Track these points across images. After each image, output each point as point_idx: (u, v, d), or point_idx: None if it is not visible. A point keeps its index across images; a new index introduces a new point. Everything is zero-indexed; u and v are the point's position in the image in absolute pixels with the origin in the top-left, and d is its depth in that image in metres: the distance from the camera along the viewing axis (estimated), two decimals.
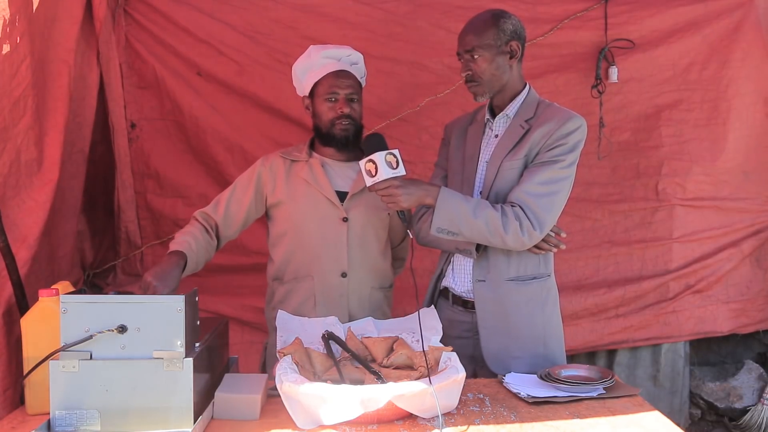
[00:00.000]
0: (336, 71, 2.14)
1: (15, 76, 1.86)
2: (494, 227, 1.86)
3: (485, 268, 2.01)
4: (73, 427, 1.45)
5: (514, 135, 1.99)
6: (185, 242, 2.02)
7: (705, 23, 3.32)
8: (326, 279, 2.14)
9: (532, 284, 2.01)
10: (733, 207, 3.49)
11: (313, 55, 2.18)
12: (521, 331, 2.00)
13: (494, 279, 2.00)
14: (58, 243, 2.29)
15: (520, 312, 1.99)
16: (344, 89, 2.13)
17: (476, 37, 1.96)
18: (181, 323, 1.48)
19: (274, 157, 2.23)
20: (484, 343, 2.01)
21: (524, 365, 1.96)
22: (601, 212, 3.40)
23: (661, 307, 3.44)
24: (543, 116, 1.98)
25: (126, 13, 2.93)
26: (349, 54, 2.20)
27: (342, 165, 2.22)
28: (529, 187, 1.90)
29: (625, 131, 3.37)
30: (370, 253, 2.19)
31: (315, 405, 1.49)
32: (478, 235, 1.89)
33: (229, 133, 3.05)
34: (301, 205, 2.15)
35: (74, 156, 2.47)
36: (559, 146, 1.92)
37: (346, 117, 2.13)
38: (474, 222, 1.86)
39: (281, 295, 2.20)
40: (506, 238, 1.87)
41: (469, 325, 2.06)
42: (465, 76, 2.00)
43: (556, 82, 3.28)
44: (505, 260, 1.99)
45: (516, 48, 2.00)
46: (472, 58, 1.97)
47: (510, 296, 1.99)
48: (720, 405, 3.63)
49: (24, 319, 1.65)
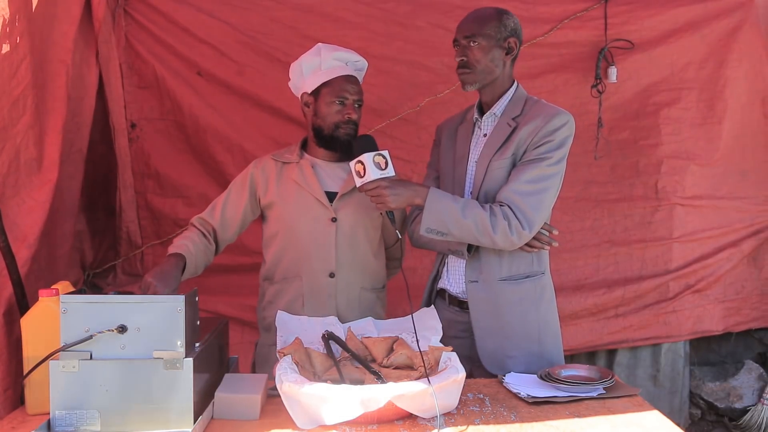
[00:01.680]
0: (346, 76, 2.16)
1: (14, 75, 1.86)
2: (483, 227, 1.86)
3: (477, 268, 2.01)
4: (73, 427, 1.45)
5: (501, 134, 1.99)
6: (183, 245, 2.03)
7: (704, 23, 3.33)
8: (314, 279, 2.14)
9: (525, 283, 2.01)
10: (731, 207, 3.49)
11: (323, 54, 2.17)
12: (515, 330, 2.00)
13: (487, 279, 2.00)
14: (57, 243, 2.29)
15: (513, 311, 1.99)
16: (354, 95, 2.15)
17: (477, 26, 1.98)
18: (181, 323, 1.48)
19: (266, 160, 2.25)
20: (479, 342, 2.01)
21: (520, 364, 1.96)
22: (601, 211, 3.41)
23: (661, 307, 3.45)
24: (529, 113, 1.98)
25: (126, 13, 2.93)
26: (357, 60, 2.21)
27: (332, 166, 2.22)
28: (517, 186, 1.89)
29: (624, 130, 3.38)
30: (359, 254, 2.19)
31: (315, 405, 1.49)
32: (467, 235, 1.89)
33: (229, 133, 3.05)
34: (292, 206, 2.16)
35: (72, 156, 2.47)
36: (546, 143, 1.92)
37: (353, 123, 2.15)
38: (463, 222, 1.86)
39: (271, 295, 2.21)
40: (495, 237, 1.87)
41: (465, 325, 2.06)
42: (459, 61, 1.99)
43: (555, 81, 3.28)
44: (497, 260, 1.99)
45: (513, 45, 2.01)
46: (470, 44, 1.97)
47: (503, 296, 1.99)
48: (720, 405, 3.63)
49: (24, 319, 1.65)
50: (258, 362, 2.27)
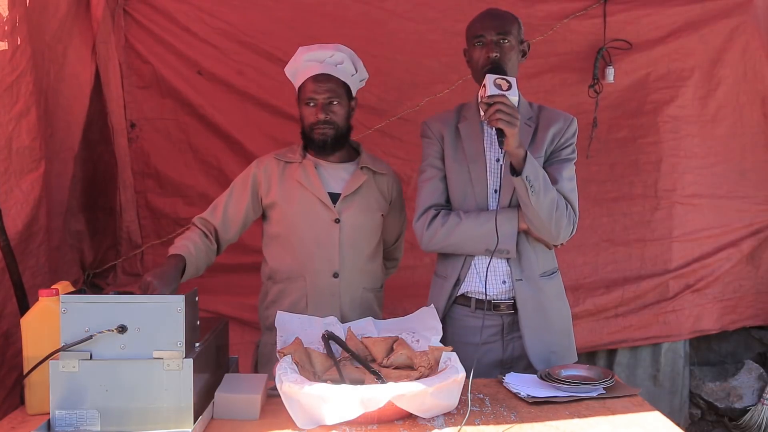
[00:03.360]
0: (315, 76, 2.12)
1: (10, 61, 1.86)
2: (562, 205, 1.92)
3: (520, 266, 2.01)
4: (73, 427, 1.44)
5: (524, 134, 1.98)
6: (184, 246, 2.03)
7: (703, 23, 3.33)
8: (318, 279, 2.14)
9: (554, 278, 2.08)
10: (731, 206, 3.50)
11: (298, 58, 2.17)
12: (556, 325, 2.04)
13: (530, 276, 2.01)
14: (47, 240, 2.28)
15: (553, 306, 2.04)
16: (321, 94, 2.11)
17: (508, 25, 1.99)
18: (181, 323, 1.48)
19: (269, 159, 2.24)
20: (529, 342, 2.00)
21: (558, 359, 2.00)
22: (600, 210, 3.40)
23: (661, 306, 3.45)
24: (547, 117, 2.03)
25: (126, 12, 2.93)
26: (332, 54, 2.14)
27: (335, 166, 2.22)
28: (564, 184, 1.96)
29: (622, 128, 3.38)
30: (361, 255, 2.19)
31: (315, 405, 1.49)
32: (549, 203, 1.89)
33: (229, 132, 3.06)
34: (295, 206, 2.15)
35: (62, 154, 2.46)
36: (570, 145, 2.02)
37: (324, 123, 2.12)
38: (552, 191, 1.90)
39: (274, 295, 2.21)
40: (563, 221, 1.93)
41: (496, 329, 2.04)
42: (492, 57, 1.94)
43: (552, 81, 3.28)
44: (533, 257, 2.02)
45: (527, 49, 2.05)
46: (501, 42, 1.96)
47: (544, 291, 2.03)
48: (720, 405, 3.63)
49: (24, 319, 1.65)
50: (261, 362, 2.27)
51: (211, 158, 3.07)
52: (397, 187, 2.33)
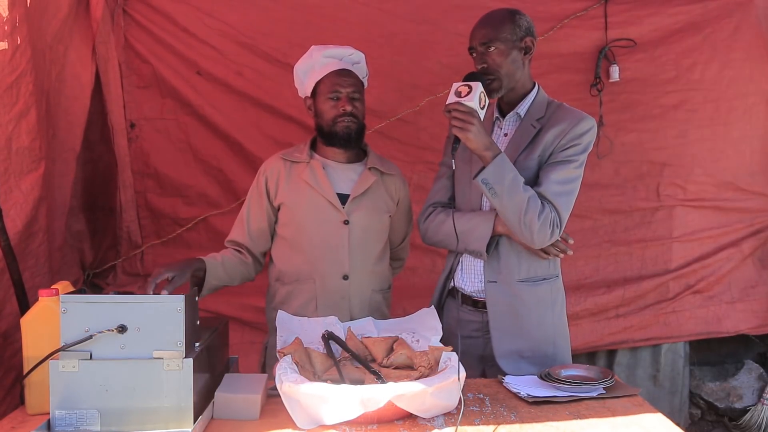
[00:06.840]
0: (338, 70, 2.14)
1: (10, 61, 1.86)
2: (533, 208, 1.85)
3: (496, 269, 2.01)
4: (73, 427, 1.44)
5: (525, 135, 1.98)
6: (210, 255, 2.08)
7: (704, 23, 3.32)
8: (328, 281, 2.13)
9: (542, 285, 2.02)
10: (732, 207, 3.49)
11: (314, 55, 2.18)
12: (532, 332, 2.00)
13: (505, 280, 2.00)
14: (47, 239, 2.28)
15: (531, 313, 2.00)
16: (347, 87, 2.13)
17: (493, 30, 1.96)
18: (181, 323, 1.48)
19: (275, 160, 2.23)
20: (496, 343, 2.01)
21: (534, 365, 1.97)
22: (601, 211, 3.40)
23: (661, 307, 3.44)
24: (555, 117, 1.99)
25: (125, 12, 2.93)
26: (351, 53, 2.19)
27: (343, 167, 2.21)
28: (551, 186, 1.91)
29: (630, 132, 3.37)
30: (370, 256, 2.19)
31: (315, 405, 1.49)
32: (514, 207, 1.86)
33: (229, 132, 3.05)
34: (303, 207, 2.15)
35: (65, 154, 2.47)
36: (573, 146, 1.94)
37: (349, 115, 2.12)
38: (520, 194, 1.85)
39: (282, 296, 2.20)
40: (536, 225, 1.86)
41: (479, 325, 2.06)
42: (480, 68, 1.97)
43: (557, 81, 3.26)
44: (516, 261, 2.00)
45: (530, 44, 2.01)
46: (488, 50, 1.96)
47: (521, 297, 2.00)
48: (720, 405, 3.63)
49: (24, 319, 1.65)
50: (269, 364, 2.25)
51: (211, 158, 3.07)
52: (405, 188, 2.33)
